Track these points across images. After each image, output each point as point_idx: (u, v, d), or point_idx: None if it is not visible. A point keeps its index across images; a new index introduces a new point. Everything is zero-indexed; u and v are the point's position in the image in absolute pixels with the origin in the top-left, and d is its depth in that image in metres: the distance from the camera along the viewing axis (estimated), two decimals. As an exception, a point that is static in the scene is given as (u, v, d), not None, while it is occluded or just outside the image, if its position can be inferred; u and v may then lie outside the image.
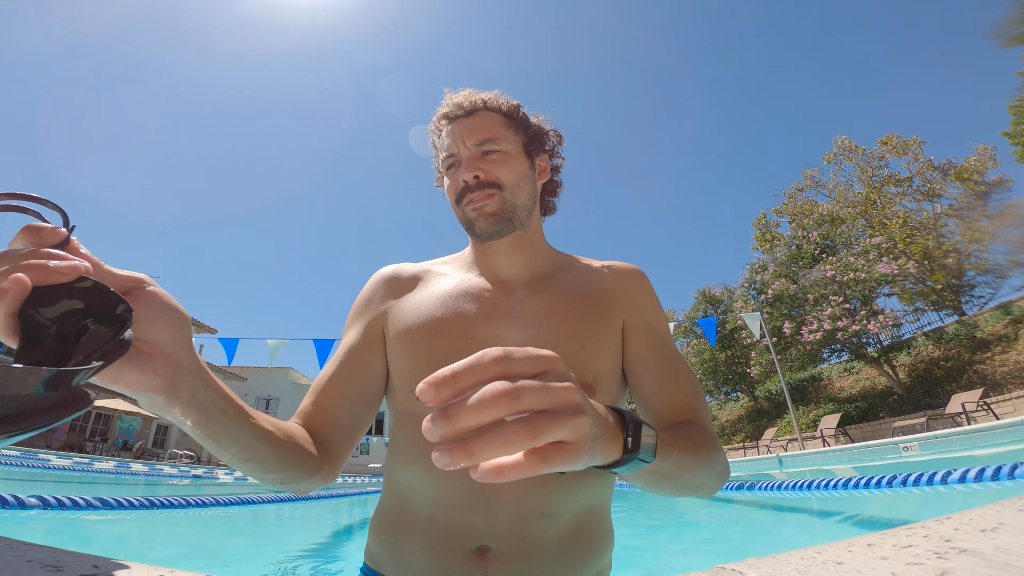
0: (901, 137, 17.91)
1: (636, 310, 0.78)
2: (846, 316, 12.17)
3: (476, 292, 0.77)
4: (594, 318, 0.75)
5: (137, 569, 0.54)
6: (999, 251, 15.86)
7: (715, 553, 1.89)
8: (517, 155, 0.79)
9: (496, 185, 0.75)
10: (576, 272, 0.82)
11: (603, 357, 0.72)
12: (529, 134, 0.82)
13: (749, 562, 0.54)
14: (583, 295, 0.78)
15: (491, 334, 0.72)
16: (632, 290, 0.81)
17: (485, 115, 0.79)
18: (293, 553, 1.88)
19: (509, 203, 0.76)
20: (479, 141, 0.76)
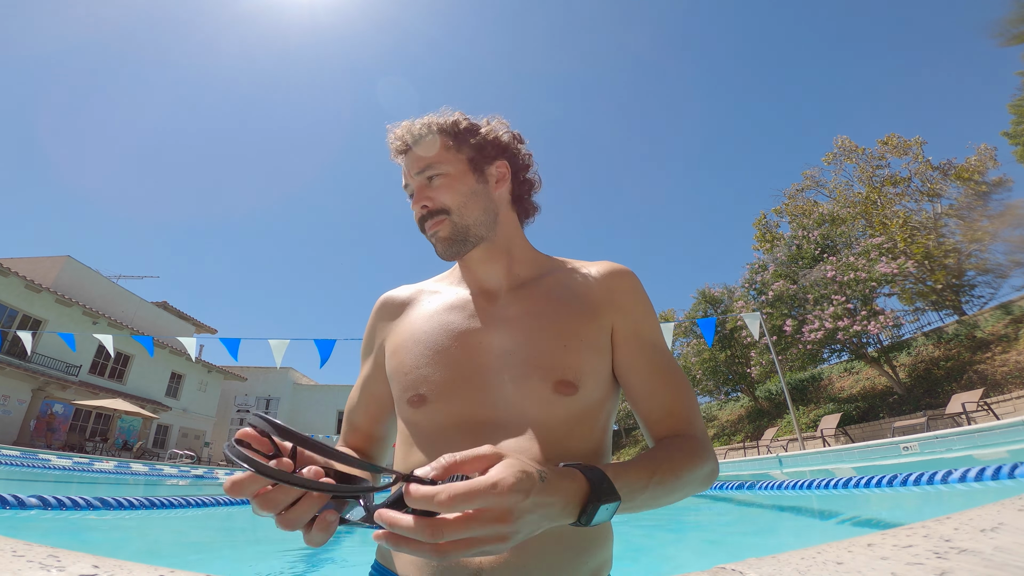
0: (901, 137, 17.90)
1: (624, 315, 0.77)
2: (847, 316, 12.16)
3: (462, 303, 0.81)
4: (579, 319, 0.75)
5: (137, 569, 0.54)
6: (999, 251, 15.87)
7: (715, 553, 1.89)
8: (461, 174, 0.80)
9: (444, 211, 0.78)
10: (560, 276, 0.82)
11: (587, 356, 0.73)
12: (473, 147, 0.82)
13: (749, 562, 0.54)
14: (567, 298, 0.78)
15: (476, 341, 0.75)
16: (619, 294, 0.79)
17: (427, 142, 0.80)
18: (293, 552, 1.88)
19: (459, 224, 0.79)
20: (420, 169, 0.79)
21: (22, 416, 17.98)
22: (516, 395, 0.70)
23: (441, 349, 0.75)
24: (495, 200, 0.83)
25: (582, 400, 0.70)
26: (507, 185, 0.85)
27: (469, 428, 0.70)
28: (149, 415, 20.84)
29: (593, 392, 0.72)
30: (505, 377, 0.71)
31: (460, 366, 0.73)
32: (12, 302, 18.19)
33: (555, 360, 0.71)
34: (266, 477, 0.41)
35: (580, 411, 0.70)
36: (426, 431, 0.73)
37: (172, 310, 29.90)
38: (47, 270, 21.10)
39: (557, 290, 0.79)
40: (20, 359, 17.97)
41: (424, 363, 0.75)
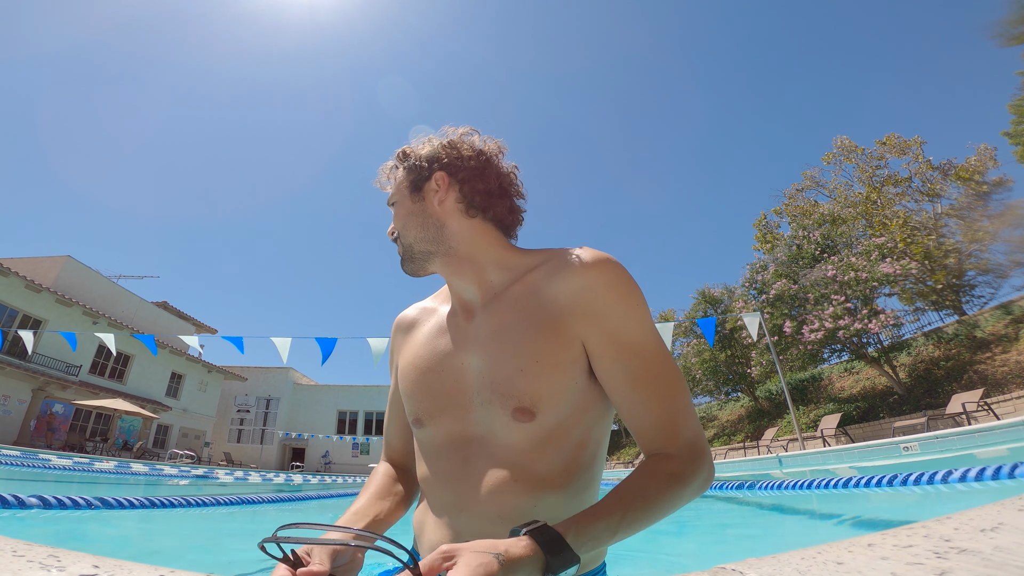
0: (901, 137, 17.89)
1: (597, 320, 0.71)
2: (847, 315, 12.16)
3: (448, 324, 0.85)
4: (540, 335, 0.72)
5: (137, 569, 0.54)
6: (999, 251, 15.86)
7: (715, 553, 1.89)
8: (403, 199, 0.85)
9: (397, 237, 0.87)
10: (530, 280, 0.78)
11: (547, 378, 0.70)
12: (409, 170, 0.85)
13: (749, 562, 0.54)
14: (531, 309, 0.74)
15: (457, 363, 0.78)
16: (591, 296, 0.71)
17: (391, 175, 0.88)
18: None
19: (404, 246, 0.85)
20: (389, 203, 0.88)
21: (22, 416, 17.99)
22: (486, 417, 0.74)
23: (431, 373, 0.80)
24: (436, 213, 0.83)
25: (542, 424, 0.70)
26: (453, 194, 0.83)
27: (457, 447, 0.76)
28: (149, 415, 20.85)
29: (556, 414, 0.71)
30: (477, 400, 0.75)
31: (445, 389, 0.78)
32: (12, 302, 18.20)
33: (511, 386, 0.71)
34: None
35: (543, 435, 0.70)
36: (427, 448, 0.81)
37: (172, 310, 29.91)
38: (47, 270, 21.11)
39: (524, 300, 0.76)
40: (20, 359, 17.98)
41: (418, 388, 0.81)
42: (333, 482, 13.42)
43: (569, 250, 0.78)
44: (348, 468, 31.96)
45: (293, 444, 33.22)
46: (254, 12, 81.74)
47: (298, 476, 17.36)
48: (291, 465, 31.40)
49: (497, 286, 0.81)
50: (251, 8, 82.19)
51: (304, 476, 17.90)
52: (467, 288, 0.83)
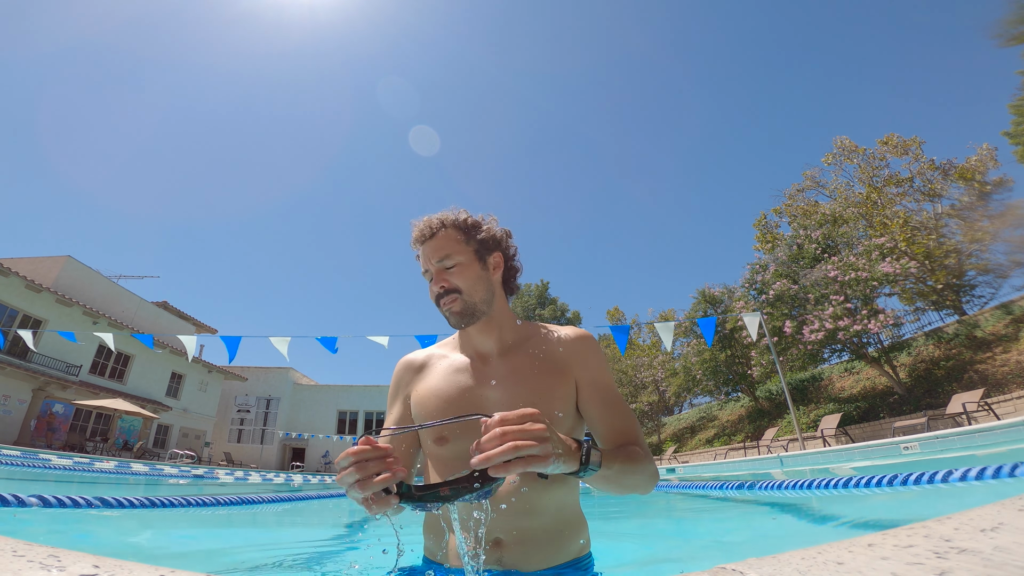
0: (902, 137, 17.88)
1: (585, 369, 1.06)
2: (847, 315, 12.15)
3: (465, 366, 1.08)
4: (551, 377, 1.03)
5: (137, 569, 0.54)
6: (1000, 251, 15.85)
7: (715, 553, 1.89)
8: (470, 263, 1.06)
9: (456, 291, 1.03)
10: (538, 341, 1.10)
11: (559, 403, 1.02)
12: (479, 241, 1.09)
13: (749, 562, 0.54)
14: (542, 359, 1.06)
15: (478, 395, 1.02)
16: (580, 355, 1.08)
17: (443, 235, 1.06)
18: (294, 552, 1.88)
19: (469, 302, 1.04)
20: (439, 259, 1.05)
21: (22, 416, 18.00)
22: None
23: (454, 401, 1.02)
24: (493, 284, 1.10)
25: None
26: (500, 271, 1.12)
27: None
28: (149, 415, 20.85)
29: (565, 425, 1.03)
30: None
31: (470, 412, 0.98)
32: (12, 302, 18.20)
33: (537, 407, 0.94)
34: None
35: None
36: (447, 462, 1.01)
37: (172, 310, 29.91)
38: (47, 270, 21.11)
39: (536, 353, 1.06)
40: (21, 359, 17.99)
41: (443, 413, 1.01)
42: (333, 482, 13.42)
43: (561, 327, 1.14)
44: (348, 468, 31.90)
45: (293, 444, 33.23)
46: (254, 12, 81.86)
47: (298, 476, 17.37)
48: (291, 465, 31.40)
49: (508, 343, 1.09)
50: (251, 8, 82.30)
51: (304, 476, 17.90)
52: (486, 342, 1.09)
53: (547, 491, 0.96)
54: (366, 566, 1.30)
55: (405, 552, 1.23)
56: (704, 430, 22.19)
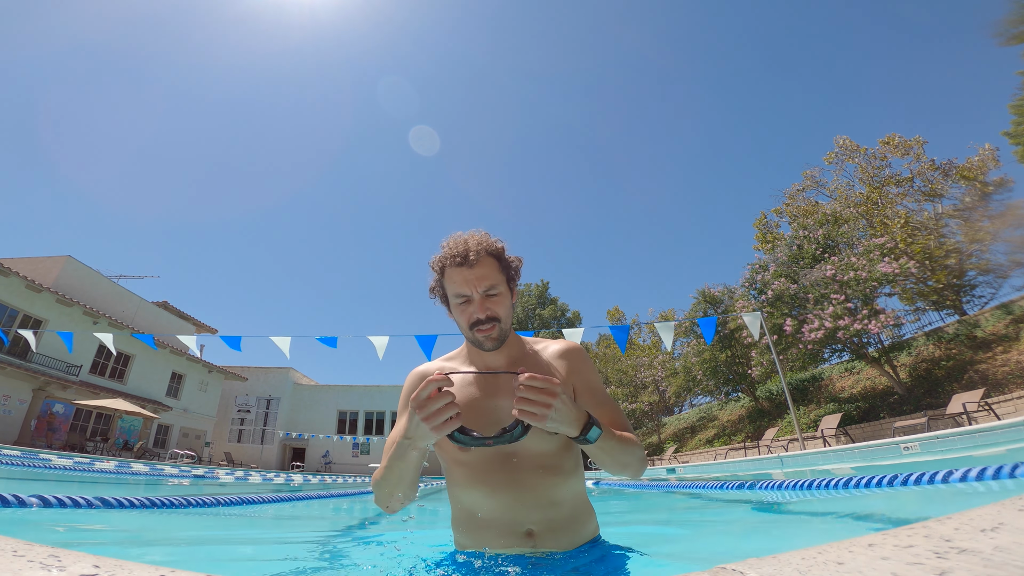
0: (902, 137, 17.86)
1: (579, 377, 1.24)
2: (847, 315, 12.14)
3: (477, 378, 1.20)
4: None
5: (138, 569, 0.54)
6: (1000, 251, 15.84)
7: (715, 553, 1.89)
8: (506, 293, 1.17)
9: (496, 319, 1.13)
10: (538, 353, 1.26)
11: None
12: (510, 273, 1.19)
13: (749, 562, 0.54)
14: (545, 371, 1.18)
15: (491, 406, 1.15)
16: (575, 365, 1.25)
17: (486, 262, 1.14)
18: (294, 552, 1.88)
19: (504, 330, 1.15)
20: (486, 288, 1.12)
21: (23, 416, 18.00)
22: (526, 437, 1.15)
23: (471, 411, 1.13)
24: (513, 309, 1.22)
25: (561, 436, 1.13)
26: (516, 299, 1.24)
27: (503, 458, 1.12)
28: (150, 415, 20.85)
29: None
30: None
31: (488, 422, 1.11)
32: (13, 302, 18.21)
33: None
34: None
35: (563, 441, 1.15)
36: (473, 465, 1.14)
37: (173, 310, 29.92)
38: (48, 270, 21.12)
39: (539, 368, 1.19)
40: (21, 359, 17.99)
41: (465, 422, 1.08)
42: (333, 482, 13.43)
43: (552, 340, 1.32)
44: (348, 468, 31.96)
45: (293, 444, 33.23)
46: (254, 12, 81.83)
47: (298, 476, 17.36)
48: (291, 465, 31.40)
49: (515, 357, 1.23)
50: (251, 8, 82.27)
51: (304, 476, 17.90)
52: (497, 358, 1.20)
53: (565, 484, 1.15)
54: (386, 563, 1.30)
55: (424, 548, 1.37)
56: (704, 430, 22.18)
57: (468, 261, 1.11)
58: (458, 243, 1.14)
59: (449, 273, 1.14)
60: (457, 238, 1.16)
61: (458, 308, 1.15)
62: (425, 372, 1.24)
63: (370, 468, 31.55)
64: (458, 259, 1.12)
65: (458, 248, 1.13)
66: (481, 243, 1.14)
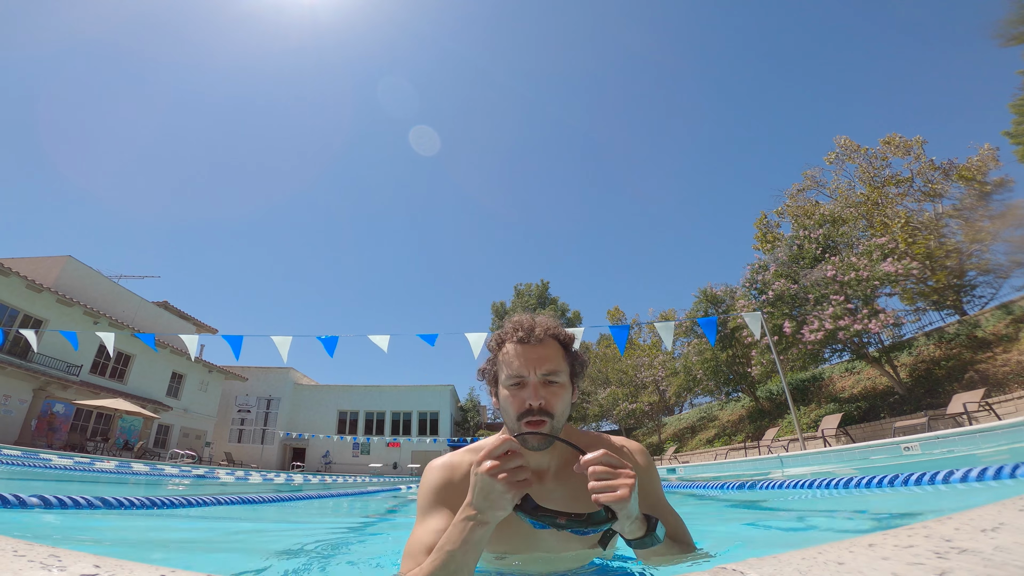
0: (903, 137, 17.84)
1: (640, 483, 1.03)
2: (847, 315, 12.13)
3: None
4: None
5: (138, 569, 0.54)
6: (1000, 251, 15.83)
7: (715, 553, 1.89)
8: (567, 385, 1.02)
9: (550, 414, 0.97)
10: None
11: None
12: (575, 365, 1.06)
13: (750, 562, 0.54)
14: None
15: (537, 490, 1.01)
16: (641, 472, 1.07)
17: (550, 345, 1.03)
18: (294, 553, 1.88)
19: (555, 429, 0.98)
20: (547, 371, 0.99)
21: (23, 416, 18.02)
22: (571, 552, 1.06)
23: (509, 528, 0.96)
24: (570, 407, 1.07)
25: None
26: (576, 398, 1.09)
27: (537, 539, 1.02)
28: (150, 415, 20.86)
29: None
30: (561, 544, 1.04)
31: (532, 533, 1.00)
32: (13, 302, 18.22)
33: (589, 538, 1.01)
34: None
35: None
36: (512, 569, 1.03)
37: (173, 310, 29.94)
38: (48, 270, 21.14)
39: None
40: (21, 359, 18.00)
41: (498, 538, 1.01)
42: (334, 482, 13.43)
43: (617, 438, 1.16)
44: (349, 468, 31.96)
45: (294, 444, 33.24)
46: (255, 13, 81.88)
47: (299, 476, 17.37)
48: (292, 465, 31.42)
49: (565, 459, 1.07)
50: (251, 8, 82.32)
51: (305, 476, 17.91)
52: (543, 459, 1.05)
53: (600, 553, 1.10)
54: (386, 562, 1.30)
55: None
56: (704, 430, 22.18)
57: (532, 337, 1.01)
58: (524, 320, 1.05)
59: (508, 349, 1.03)
60: (524, 317, 1.07)
61: (510, 391, 1.00)
62: (448, 464, 1.09)
63: (370, 468, 31.59)
64: (521, 334, 1.02)
65: (523, 324, 1.04)
66: (550, 326, 1.05)
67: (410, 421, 34.43)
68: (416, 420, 34.39)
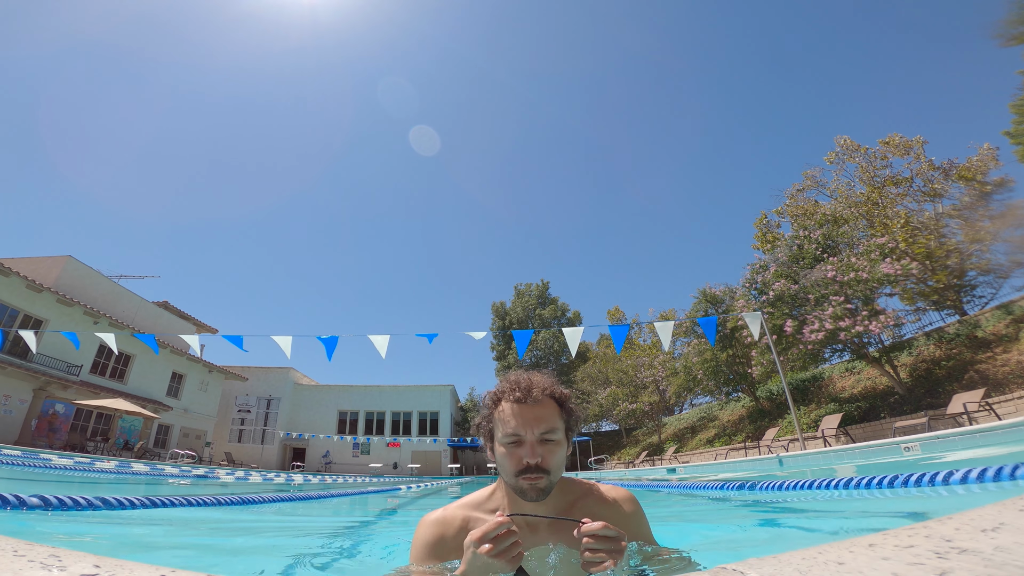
0: (903, 136, 17.85)
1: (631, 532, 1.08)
2: (848, 316, 12.13)
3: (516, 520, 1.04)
4: None
5: (138, 569, 0.54)
6: (1000, 251, 15.83)
7: (715, 553, 1.89)
8: (563, 442, 1.07)
9: (546, 471, 1.01)
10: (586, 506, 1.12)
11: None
12: (571, 422, 1.10)
13: (750, 562, 0.54)
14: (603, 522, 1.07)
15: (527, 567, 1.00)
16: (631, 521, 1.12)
17: (547, 404, 1.06)
18: (294, 553, 1.88)
19: (552, 483, 1.03)
20: (544, 431, 1.03)
21: (23, 416, 18.02)
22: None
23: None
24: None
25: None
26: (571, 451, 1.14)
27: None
28: (150, 415, 20.87)
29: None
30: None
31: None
32: (13, 302, 18.23)
33: None
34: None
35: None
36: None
37: (173, 310, 29.94)
38: (48, 270, 21.14)
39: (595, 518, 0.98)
40: (21, 359, 18.01)
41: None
42: (334, 482, 13.43)
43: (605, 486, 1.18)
44: (349, 468, 31.97)
45: (294, 444, 33.25)
46: (255, 12, 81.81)
47: (299, 476, 17.37)
48: (292, 465, 31.42)
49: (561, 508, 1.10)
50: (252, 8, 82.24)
51: (305, 476, 17.91)
52: (537, 509, 1.07)
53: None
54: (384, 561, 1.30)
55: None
56: (705, 430, 22.18)
57: (530, 398, 1.04)
58: (521, 379, 1.08)
59: (504, 408, 1.07)
60: (520, 376, 1.09)
61: (507, 449, 1.05)
62: (441, 519, 1.12)
63: (370, 468, 31.59)
64: (518, 394, 1.05)
65: (520, 384, 1.07)
66: (547, 385, 1.08)
67: (410, 421, 34.43)
68: (416, 420, 34.40)
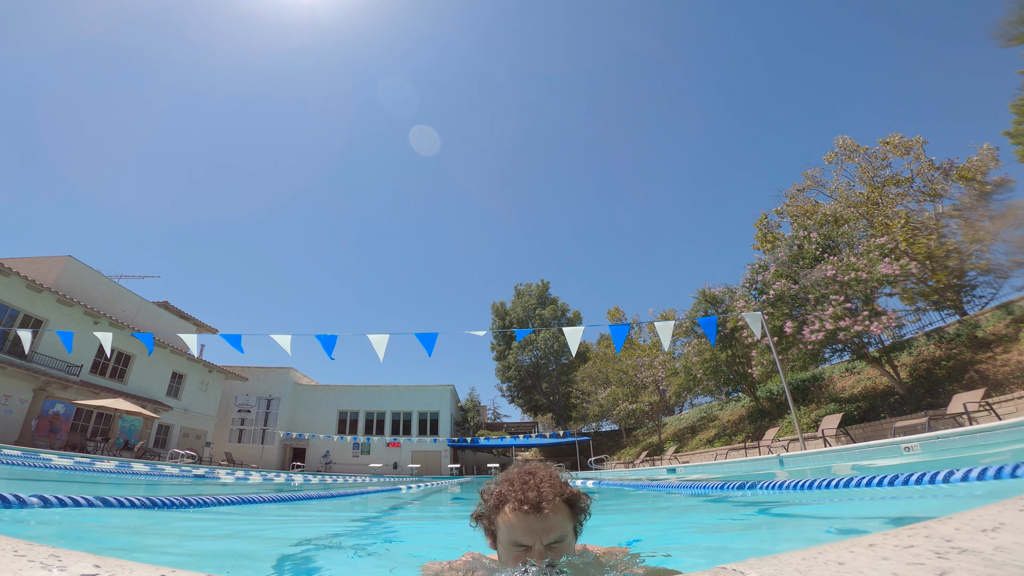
0: (903, 136, 17.84)
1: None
2: (848, 316, 12.13)
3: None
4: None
5: (138, 569, 0.54)
6: (1000, 251, 15.82)
7: (715, 553, 1.89)
8: (571, 539, 1.02)
9: (554, 567, 0.95)
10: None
11: None
12: (578, 517, 1.06)
13: (750, 562, 0.54)
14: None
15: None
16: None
17: (559, 511, 1.00)
18: (294, 553, 1.88)
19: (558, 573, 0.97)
20: (554, 539, 0.97)
21: (24, 416, 18.01)
22: None
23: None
24: None
25: None
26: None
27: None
28: (150, 415, 20.86)
29: None
30: None
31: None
32: (13, 302, 18.22)
33: None
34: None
35: None
36: None
37: (173, 310, 29.93)
38: (48, 270, 21.13)
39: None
40: (21, 359, 18.00)
41: None
42: (334, 482, 13.43)
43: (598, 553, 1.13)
44: (349, 468, 31.97)
45: (294, 444, 33.24)
46: (255, 12, 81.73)
47: (299, 476, 17.37)
48: (292, 465, 31.41)
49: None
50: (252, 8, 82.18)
51: (305, 476, 17.91)
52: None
53: None
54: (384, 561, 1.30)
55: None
56: (705, 430, 22.18)
57: (541, 512, 0.96)
58: (528, 485, 0.99)
59: (511, 515, 0.99)
60: (526, 477, 1.02)
61: (513, 552, 0.98)
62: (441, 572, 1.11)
63: (370, 468, 31.59)
64: (527, 507, 0.97)
65: (528, 492, 0.98)
66: (555, 489, 1.00)
67: (410, 421, 34.43)
68: (416, 420, 34.40)
